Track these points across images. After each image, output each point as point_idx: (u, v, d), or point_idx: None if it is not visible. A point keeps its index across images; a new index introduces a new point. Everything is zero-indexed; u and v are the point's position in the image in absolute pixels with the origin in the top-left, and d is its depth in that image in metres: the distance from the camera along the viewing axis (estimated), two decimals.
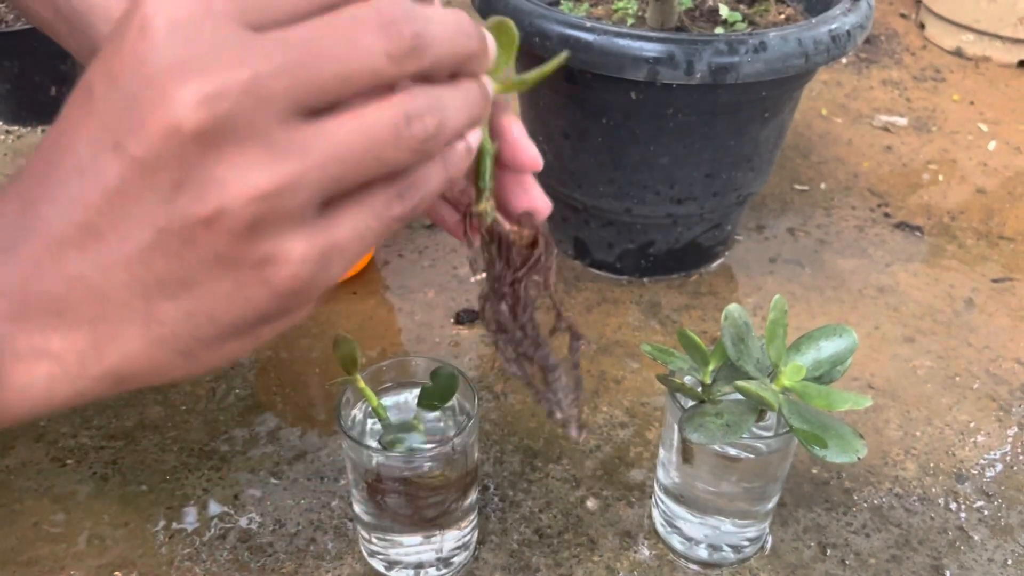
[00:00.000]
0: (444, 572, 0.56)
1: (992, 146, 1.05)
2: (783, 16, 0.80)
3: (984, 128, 1.09)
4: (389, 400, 0.55)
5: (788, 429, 0.50)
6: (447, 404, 0.54)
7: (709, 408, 0.50)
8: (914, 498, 0.62)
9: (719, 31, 0.77)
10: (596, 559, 0.57)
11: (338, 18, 0.27)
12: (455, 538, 0.55)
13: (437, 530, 0.53)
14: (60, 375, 0.29)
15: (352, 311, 0.77)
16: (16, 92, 0.99)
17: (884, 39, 1.30)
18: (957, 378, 0.73)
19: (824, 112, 1.11)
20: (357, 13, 0.28)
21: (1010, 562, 0.58)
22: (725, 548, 0.57)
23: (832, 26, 0.67)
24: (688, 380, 0.55)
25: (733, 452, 0.53)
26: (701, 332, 0.76)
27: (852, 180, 0.98)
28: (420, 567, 0.55)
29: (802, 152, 1.02)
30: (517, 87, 0.35)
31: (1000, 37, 1.22)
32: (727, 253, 0.85)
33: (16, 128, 1.00)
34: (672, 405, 0.53)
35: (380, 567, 0.56)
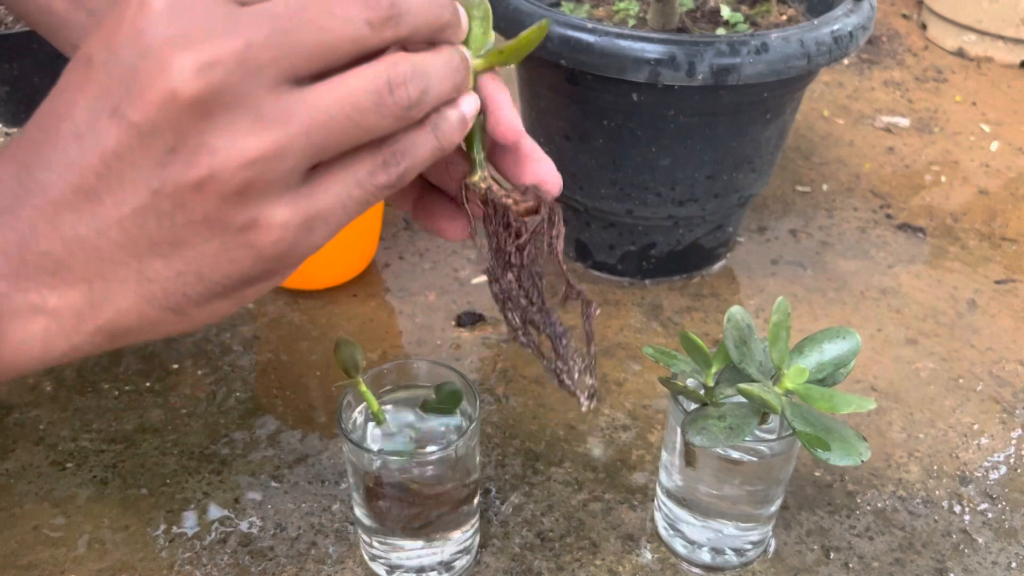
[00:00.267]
0: None
1: (994, 147, 1.05)
2: (785, 17, 0.80)
3: (986, 129, 1.09)
4: (391, 400, 0.54)
5: (791, 432, 0.50)
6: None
7: (712, 411, 0.50)
8: (918, 501, 0.62)
9: (720, 32, 0.77)
10: (598, 563, 0.57)
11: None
12: (457, 542, 0.54)
13: (438, 534, 0.53)
14: (56, 331, 0.30)
15: (353, 313, 0.77)
16: (15, 94, 0.99)
17: (886, 40, 1.29)
18: (960, 380, 0.72)
19: (826, 113, 1.11)
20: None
21: (1014, 565, 0.58)
22: (728, 551, 0.57)
23: (834, 27, 0.67)
24: (690, 383, 0.55)
25: (736, 455, 0.52)
26: (703, 334, 0.76)
27: (854, 181, 0.98)
28: (422, 571, 0.55)
29: (804, 153, 1.02)
30: (497, 60, 0.36)
31: (1002, 37, 1.22)
32: (729, 255, 0.85)
33: (15, 130, 1.00)
34: (674, 408, 0.53)
35: (381, 571, 0.55)
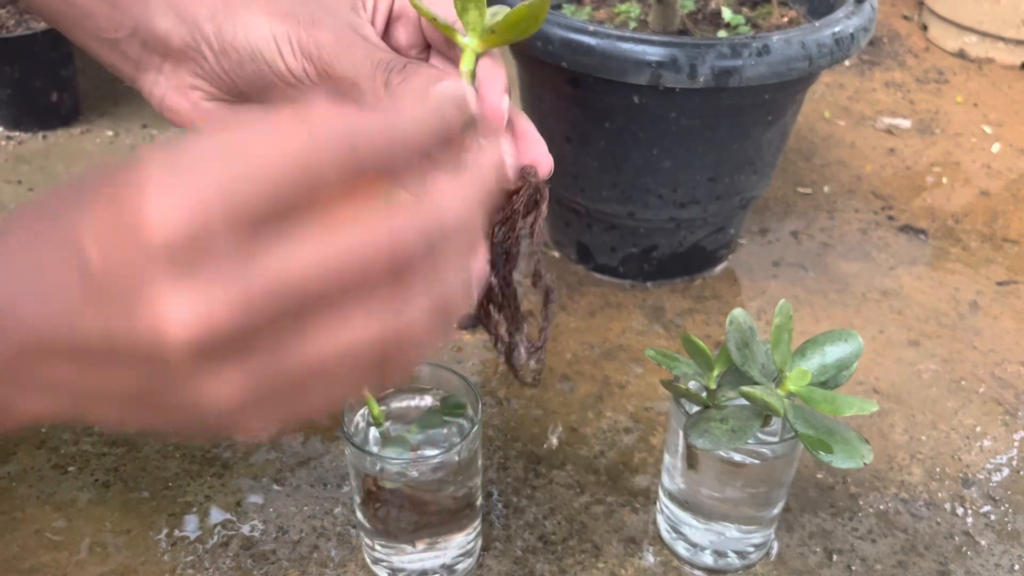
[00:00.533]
0: None
1: (996, 148, 1.05)
2: (786, 19, 0.80)
3: (988, 130, 1.09)
4: (394, 404, 0.54)
5: (793, 434, 0.49)
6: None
7: (714, 413, 0.50)
8: (920, 503, 0.62)
9: (722, 34, 0.77)
10: (601, 565, 0.57)
11: (347, 250, 0.26)
12: (459, 545, 0.54)
13: (440, 537, 0.53)
14: None
15: None
16: (17, 98, 0.99)
17: (887, 41, 1.29)
18: (963, 382, 0.72)
19: (827, 115, 1.11)
20: (366, 247, 0.26)
21: (1017, 567, 0.58)
22: (730, 554, 0.57)
23: (835, 29, 0.67)
24: (693, 385, 0.55)
25: (738, 458, 0.52)
26: (705, 336, 0.75)
27: (855, 183, 0.98)
28: (424, 574, 0.55)
29: (805, 155, 1.02)
30: (493, 41, 0.36)
31: (1003, 39, 1.21)
32: (730, 257, 0.85)
33: (17, 134, 1.00)
34: (676, 410, 0.53)
35: (383, 574, 0.55)
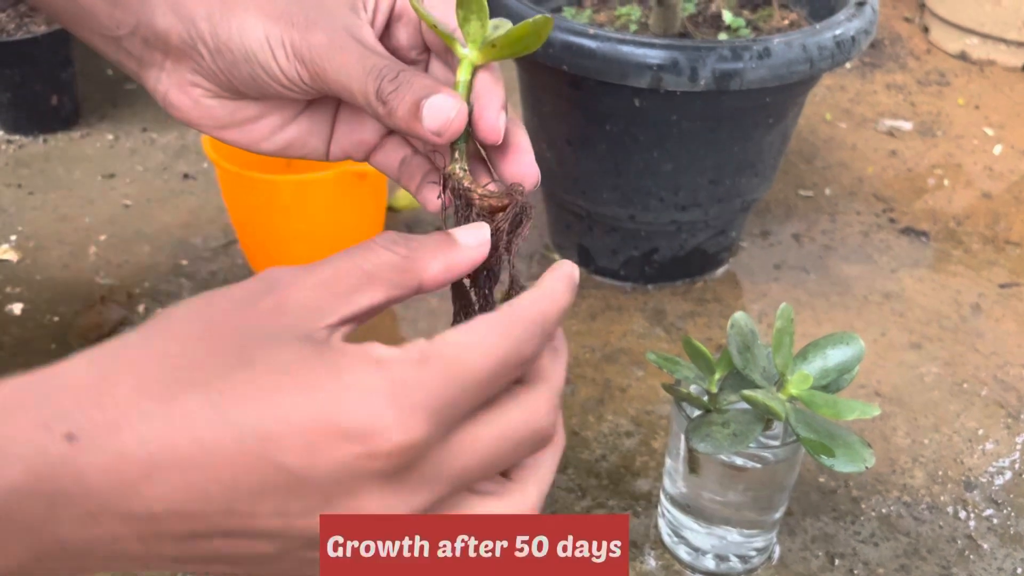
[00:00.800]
0: None
1: (998, 150, 1.05)
2: (787, 22, 0.80)
3: (989, 132, 1.08)
4: None
5: (795, 438, 0.49)
6: None
7: (715, 417, 0.50)
8: (922, 506, 0.62)
9: (723, 37, 0.76)
10: None
11: (514, 431, 0.30)
12: None
13: None
14: None
15: None
16: (17, 101, 0.99)
17: (888, 43, 1.29)
18: (965, 385, 0.72)
19: (828, 117, 1.10)
20: (528, 427, 0.30)
21: (1020, 571, 0.58)
22: (732, 558, 0.56)
23: (836, 32, 0.67)
24: (694, 389, 0.54)
25: (740, 461, 0.52)
26: (706, 339, 0.75)
27: (857, 185, 0.97)
28: None
29: (806, 157, 1.02)
30: (493, 55, 0.35)
31: (1005, 40, 1.21)
32: (732, 259, 0.85)
33: (17, 137, 1.00)
34: (678, 414, 0.53)
35: None
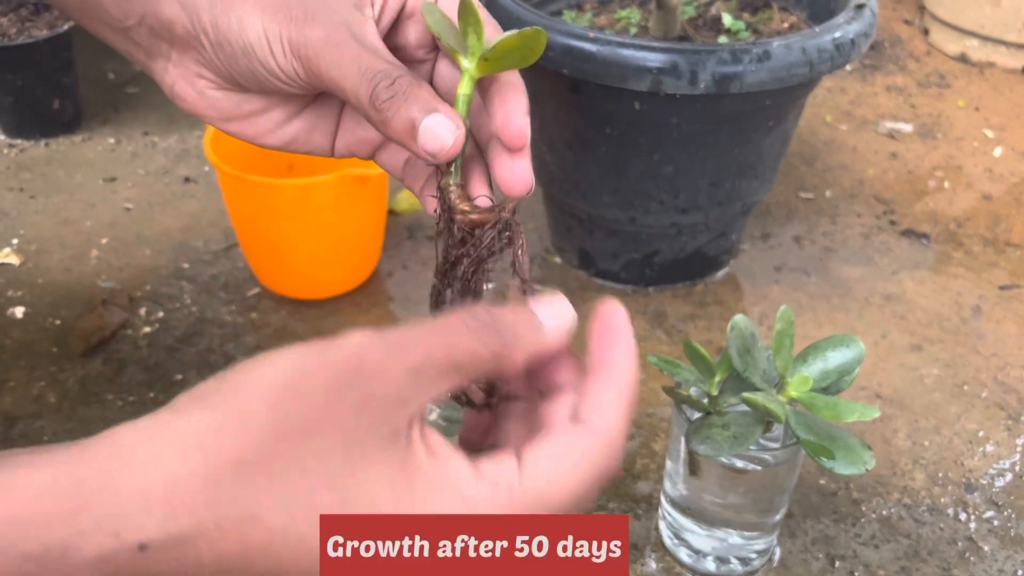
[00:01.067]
0: None
1: (998, 152, 1.05)
2: (787, 24, 0.80)
3: (990, 134, 1.08)
4: None
5: (795, 440, 0.49)
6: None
7: (716, 420, 0.50)
8: (923, 508, 0.62)
9: (722, 40, 0.77)
10: None
11: None
12: None
13: None
14: None
15: (356, 322, 0.77)
16: (19, 105, 0.99)
17: (888, 45, 1.29)
18: (965, 386, 0.72)
19: (829, 119, 1.11)
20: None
21: (1020, 573, 0.58)
22: (733, 560, 0.57)
23: (836, 34, 0.67)
24: (694, 391, 0.55)
25: (740, 464, 0.52)
26: (707, 342, 0.75)
27: (857, 187, 0.97)
28: None
29: (807, 160, 1.02)
30: (489, 70, 0.35)
31: (1004, 42, 1.21)
32: (732, 262, 0.85)
33: (19, 141, 1.00)
34: (678, 417, 0.53)
35: None
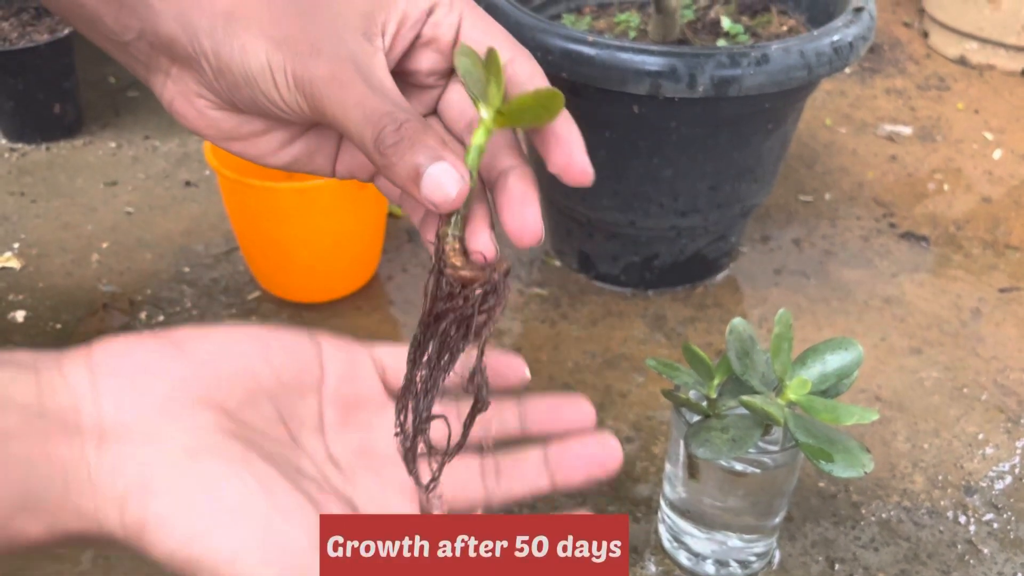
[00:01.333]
0: None
1: (997, 155, 1.05)
2: (785, 28, 0.80)
3: (989, 137, 1.09)
4: None
5: (794, 443, 0.49)
6: None
7: (715, 423, 0.50)
8: (923, 511, 0.62)
9: (721, 43, 0.77)
10: None
11: None
12: None
13: None
14: None
15: (356, 326, 0.77)
16: (20, 110, 0.99)
17: (887, 48, 1.29)
18: (965, 389, 0.72)
19: (828, 122, 1.11)
20: None
21: (1020, 575, 0.58)
22: (732, 563, 0.57)
23: (834, 38, 0.67)
24: (693, 395, 0.55)
25: (739, 467, 0.52)
26: (706, 344, 0.75)
27: (857, 190, 0.98)
28: None
29: (806, 162, 1.02)
30: (504, 124, 0.33)
31: (1004, 45, 1.22)
32: (732, 265, 0.85)
33: (20, 146, 1.01)
34: (677, 420, 0.53)
35: None
